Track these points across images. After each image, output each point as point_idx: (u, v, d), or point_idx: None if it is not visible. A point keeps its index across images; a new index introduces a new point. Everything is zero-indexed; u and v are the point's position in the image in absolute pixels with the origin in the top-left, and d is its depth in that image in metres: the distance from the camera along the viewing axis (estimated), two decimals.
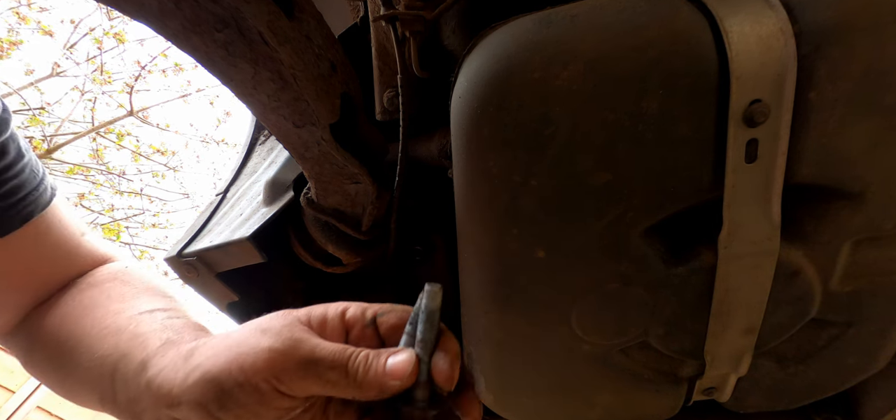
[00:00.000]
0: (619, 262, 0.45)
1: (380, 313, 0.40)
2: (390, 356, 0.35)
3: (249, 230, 0.58)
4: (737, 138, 0.38)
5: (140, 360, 0.40)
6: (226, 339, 0.37)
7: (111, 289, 0.51)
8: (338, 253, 0.60)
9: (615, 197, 0.41)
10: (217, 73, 0.42)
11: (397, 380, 0.34)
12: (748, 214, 0.41)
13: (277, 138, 0.50)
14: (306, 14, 0.44)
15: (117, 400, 0.42)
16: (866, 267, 0.44)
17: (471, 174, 0.45)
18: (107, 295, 0.50)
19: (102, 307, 0.48)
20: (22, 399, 3.39)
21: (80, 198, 6.50)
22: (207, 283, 0.66)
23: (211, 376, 0.35)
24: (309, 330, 0.37)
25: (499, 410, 0.65)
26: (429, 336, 0.38)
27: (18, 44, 5.92)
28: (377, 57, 0.57)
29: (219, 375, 0.35)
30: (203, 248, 0.63)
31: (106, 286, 0.52)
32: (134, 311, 0.47)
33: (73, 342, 0.46)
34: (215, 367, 0.35)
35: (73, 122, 6.38)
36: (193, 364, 0.37)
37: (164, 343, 0.41)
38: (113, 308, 0.48)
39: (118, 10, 0.39)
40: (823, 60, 0.36)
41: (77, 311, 0.49)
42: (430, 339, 0.38)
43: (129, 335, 0.43)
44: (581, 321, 0.50)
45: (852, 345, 0.50)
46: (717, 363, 0.51)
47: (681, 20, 0.37)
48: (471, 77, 0.42)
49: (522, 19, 0.41)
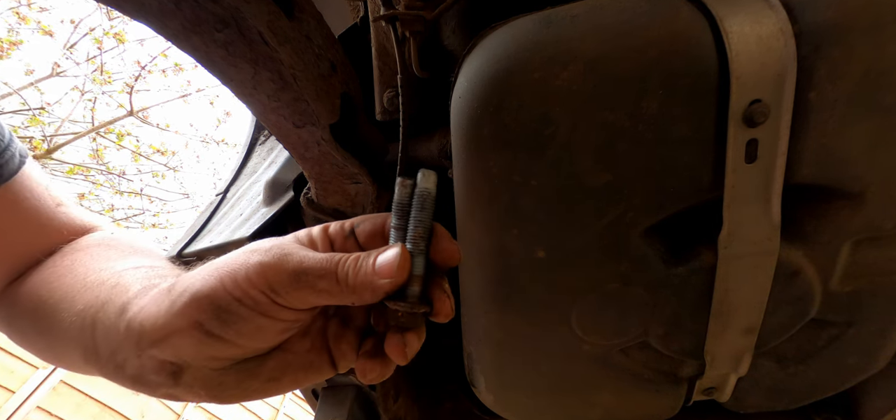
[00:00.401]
0: (619, 262, 0.45)
1: (356, 224, 0.38)
2: (379, 255, 0.33)
3: (249, 230, 0.58)
4: (737, 138, 0.38)
5: (119, 305, 0.37)
6: (212, 264, 0.35)
7: (96, 251, 0.48)
8: None
9: (615, 197, 0.41)
10: (217, 73, 0.42)
11: (387, 278, 0.32)
12: (748, 214, 0.41)
13: (277, 138, 0.50)
14: (306, 14, 0.44)
15: (99, 353, 0.38)
16: (866, 267, 0.44)
17: (471, 174, 0.45)
18: (90, 256, 0.47)
19: (84, 266, 0.45)
20: (22, 399, 3.39)
21: (80, 198, 6.49)
22: None
23: (203, 295, 0.33)
24: (297, 244, 0.36)
25: (499, 410, 0.65)
26: (424, 220, 0.33)
27: (18, 44, 5.92)
28: (377, 57, 0.57)
29: (212, 293, 0.32)
30: (203, 248, 0.63)
31: (91, 249, 0.49)
32: (119, 268, 0.43)
33: (54, 301, 0.43)
34: (206, 285, 0.33)
35: (73, 122, 6.38)
36: (179, 290, 0.34)
37: (145, 287, 0.37)
38: (95, 266, 0.44)
39: (118, 10, 0.39)
40: (823, 61, 0.36)
41: (59, 272, 0.46)
42: (425, 225, 0.33)
43: (110, 286, 0.40)
44: (581, 321, 0.50)
45: (852, 345, 0.50)
46: (717, 363, 0.51)
47: (681, 21, 0.37)
48: (471, 77, 0.42)
49: (522, 19, 0.41)
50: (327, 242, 0.38)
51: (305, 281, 0.33)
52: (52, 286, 0.45)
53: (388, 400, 0.74)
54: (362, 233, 0.38)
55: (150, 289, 0.37)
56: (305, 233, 0.38)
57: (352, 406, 0.81)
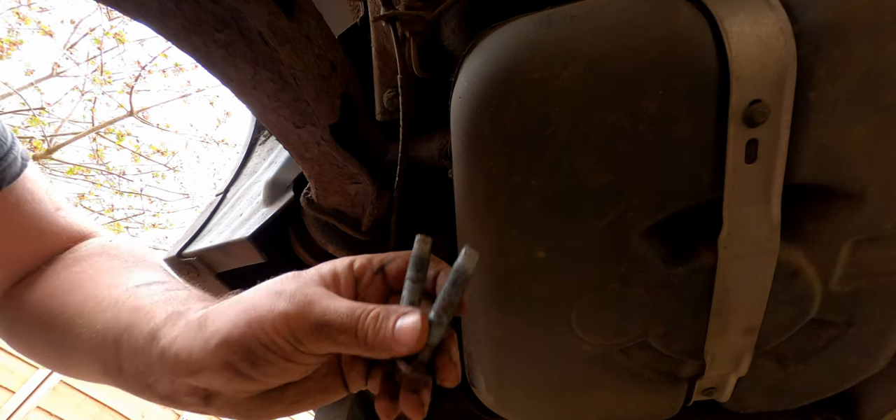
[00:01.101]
0: (619, 263, 0.45)
1: (386, 262, 0.40)
2: (398, 319, 0.34)
3: (249, 230, 0.58)
4: (737, 138, 0.38)
5: (148, 331, 0.40)
6: (239, 304, 0.38)
7: (99, 263, 0.50)
8: (337, 253, 0.60)
9: (615, 197, 0.41)
10: (217, 73, 0.42)
11: (405, 345, 0.34)
12: (748, 214, 0.41)
13: (277, 138, 0.50)
14: (306, 14, 0.44)
15: (123, 371, 0.42)
16: (866, 267, 0.44)
17: (471, 174, 0.45)
18: (96, 269, 0.49)
19: (92, 281, 0.48)
20: (22, 399, 3.39)
21: (80, 198, 6.49)
22: (207, 284, 0.66)
23: (234, 340, 0.36)
24: (322, 287, 0.38)
25: (499, 410, 0.65)
26: (454, 298, 0.34)
27: (18, 44, 5.92)
28: (377, 57, 0.57)
29: (242, 338, 0.35)
30: (203, 249, 0.63)
31: (94, 260, 0.50)
32: (130, 284, 0.46)
33: (67, 316, 0.45)
34: (237, 330, 0.36)
35: (73, 122, 6.38)
36: (210, 331, 0.37)
37: (171, 314, 0.41)
38: (104, 281, 0.47)
39: (118, 10, 0.39)
40: (823, 60, 0.36)
41: (66, 286, 0.48)
42: (454, 303, 0.34)
43: (130, 308, 0.43)
44: (581, 321, 0.50)
45: (852, 345, 0.50)
46: (717, 363, 0.51)
47: (681, 21, 0.37)
48: (471, 77, 0.42)
49: (522, 19, 0.41)
50: (351, 281, 0.40)
51: (326, 333, 0.35)
52: (63, 301, 0.47)
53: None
54: (393, 270, 0.40)
55: (177, 318, 0.40)
56: (330, 268, 0.40)
57: (352, 406, 0.81)
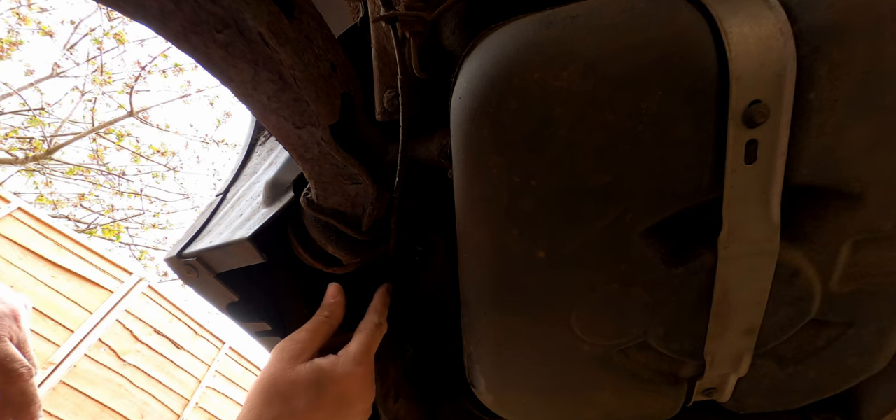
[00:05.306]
0: (619, 263, 0.45)
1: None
2: None
3: (249, 231, 0.58)
4: (736, 139, 0.38)
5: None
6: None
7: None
8: (338, 253, 0.60)
9: (615, 198, 0.41)
10: (217, 74, 0.42)
11: None
12: (748, 215, 0.41)
13: (277, 139, 0.50)
14: (306, 15, 0.44)
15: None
16: (866, 267, 0.44)
17: (471, 175, 0.45)
18: None
19: None
20: None
21: (80, 198, 6.50)
22: (207, 284, 0.66)
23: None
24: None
25: (499, 411, 0.65)
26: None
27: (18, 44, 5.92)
28: (377, 57, 0.57)
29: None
30: (203, 249, 0.63)
31: None
32: None
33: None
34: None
35: (73, 122, 6.38)
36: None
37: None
38: None
39: (118, 10, 0.39)
40: (823, 61, 0.36)
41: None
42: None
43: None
44: (581, 322, 0.50)
45: (852, 345, 0.50)
46: (717, 364, 0.51)
47: (681, 21, 0.37)
48: (471, 78, 0.42)
49: (522, 20, 0.41)
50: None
51: None
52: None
53: (388, 400, 0.74)
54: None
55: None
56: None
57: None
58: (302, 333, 0.55)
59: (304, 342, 0.54)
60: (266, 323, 0.69)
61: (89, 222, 6.61)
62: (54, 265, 3.54)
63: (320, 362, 0.53)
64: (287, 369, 0.51)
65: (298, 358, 0.52)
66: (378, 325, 0.58)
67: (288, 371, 0.51)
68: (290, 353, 0.53)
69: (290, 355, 0.53)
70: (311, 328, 0.56)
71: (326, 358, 0.53)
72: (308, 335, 0.55)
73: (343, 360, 0.53)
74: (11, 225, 3.45)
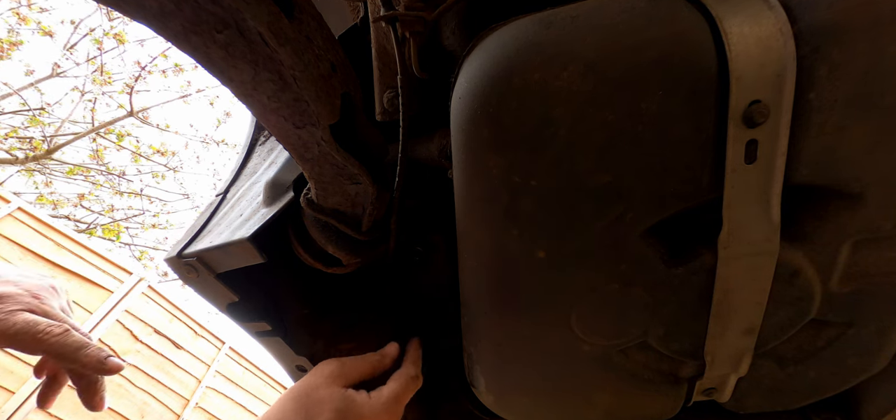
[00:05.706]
0: (619, 263, 0.45)
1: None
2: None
3: (249, 231, 0.58)
4: (736, 139, 0.38)
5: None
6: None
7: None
8: (338, 253, 0.60)
9: (615, 198, 0.41)
10: (217, 74, 0.42)
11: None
12: (748, 215, 0.41)
13: (277, 139, 0.50)
14: (306, 15, 0.44)
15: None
16: (866, 267, 0.44)
17: (471, 175, 0.45)
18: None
19: None
20: (22, 399, 3.38)
21: (80, 198, 6.50)
22: (207, 284, 0.66)
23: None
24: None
25: (499, 411, 0.65)
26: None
27: (18, 44, 5.92)
28: (377, 57, 0.57)
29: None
30: (203, 249, 0.63)
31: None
32: None
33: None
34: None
35: (73, 122, 6.38)
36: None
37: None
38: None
39: (118, 10, 0.39)
40: (823, 61, 0.36)
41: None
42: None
43: None
44: (581, 322, 0.50)
45: (852, 345, 0.50)
46: (717, 364, 0.51)
47: (680, 21, 0.37)
48: (471, 78, 0.42)
49: (522, 20, 0.41)
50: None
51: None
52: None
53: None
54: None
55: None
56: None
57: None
58: (351, 359, 0.59)
59: (349, 367, 0.58)
60: (266, 323, 0.69)
61: (89, 222, 6.62)
62: (54, 265, 3.54)
63: (353, 394, 0.55)
64: (322, 386, 0.55)
65: (337, 379, 0.56)
66: (414, 377, 0.61)
67: (322, 388, 0.54)
68: (331, 373, 0.56)
69: (330, 374, 0.56)
70: (360, 359, 0.60)
71: (360, 392, 0.56)
72: (354, 363, 0.59)
73: (374, 401, 0.56)
74: (11, 225, 3.46)
